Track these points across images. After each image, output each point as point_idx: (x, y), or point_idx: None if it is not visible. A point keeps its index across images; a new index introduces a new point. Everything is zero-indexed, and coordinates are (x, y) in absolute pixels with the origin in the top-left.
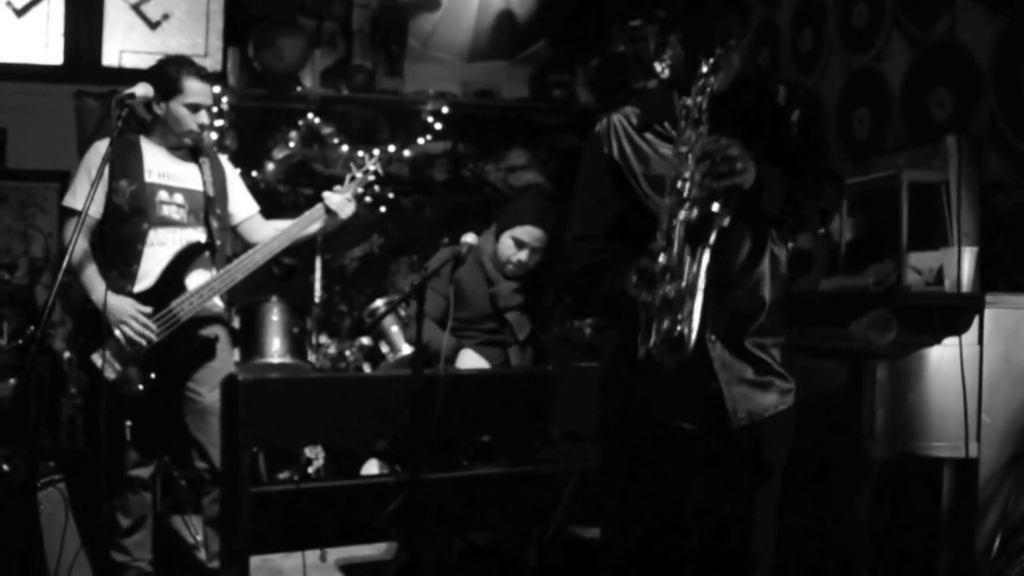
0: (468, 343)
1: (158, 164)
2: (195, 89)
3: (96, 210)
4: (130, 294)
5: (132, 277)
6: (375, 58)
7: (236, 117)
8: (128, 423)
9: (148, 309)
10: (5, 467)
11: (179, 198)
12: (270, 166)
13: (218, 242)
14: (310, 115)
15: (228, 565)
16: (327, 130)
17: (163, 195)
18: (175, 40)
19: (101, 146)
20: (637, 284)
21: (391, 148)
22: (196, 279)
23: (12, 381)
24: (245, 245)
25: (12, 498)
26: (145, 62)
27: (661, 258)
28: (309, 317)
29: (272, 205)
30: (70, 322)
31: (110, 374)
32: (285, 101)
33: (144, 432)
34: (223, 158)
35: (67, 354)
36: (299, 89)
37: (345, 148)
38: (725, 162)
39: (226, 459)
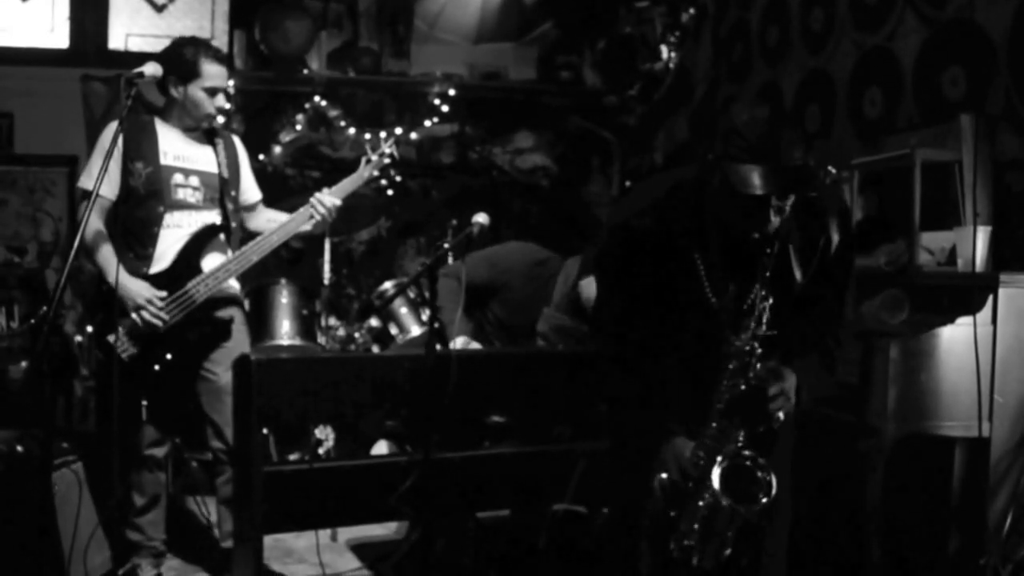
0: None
1: (173, 146)
2: (213, 72)
3: (111, 191)
4: (146, 276)
5: (148, 259)
6: (381, 40)
7: (243, 100)
8: (144, 403)
9: (163, 293)
10: (19, 448)
11: (195, 180)
12: (277, 149)
13: (233, 224)
14: (317, 98)
15: (241, 544)
16: (334, 113)
17: (179, 178)
18: (181, 23)
19: (114, 127)
20: (663, 491)
21: (398, 130)
22: (211, 261)
23: (24, 364)
24: (245, 230)
25: (26, 479)
26: (151, 45)
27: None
28: (318, 299)
29: (280, 188)
30: (80, 305)
31: (125, 354)
32: (291, 84)
33: (160, 412)
34: (236, 140)
35: (78, 337)
36: (305, 72)
37: (352, 131)
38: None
39: (239, 438)
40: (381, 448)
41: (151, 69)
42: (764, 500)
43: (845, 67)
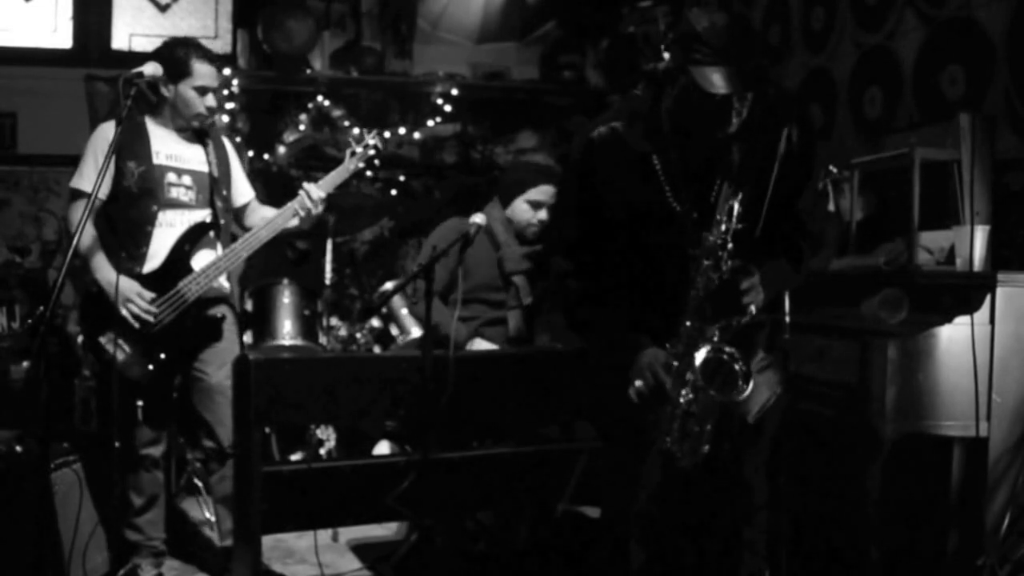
0: (472, 324)
1: (165, 146)
2: (203, 72)
3: (102, 191)
4: (139, 275)
5: (141, 258)
6: (384, 40)
7: (246, 100)
8: (139, 403)
9: (152, 294)
10: (19, 448)
11: (187, 180)
12: (281, 149)
13: (223, 222)
14: (320, 97)
15: (241, 544)
16: (337, 112)
17: (171, 177)
18: (185, 23)
19: (107, 128)
20: (639, 397)
21: (401, 130)
22: (202, 259)
23: (25, 364)
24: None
25: (26, 479)
26: (155, 45)
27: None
28: (320, 299)
29: (284, 188)
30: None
31: (118, 356)
32: (295, 84)
33: (155, 411)
34: (225, 140)
35: (80, 337)
36: (308, 72)
37: (356, 130)
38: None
39: (239, 438)
40: (383, 448)
41: (151, 69)
42: (744, 388)
43: (846, 66)
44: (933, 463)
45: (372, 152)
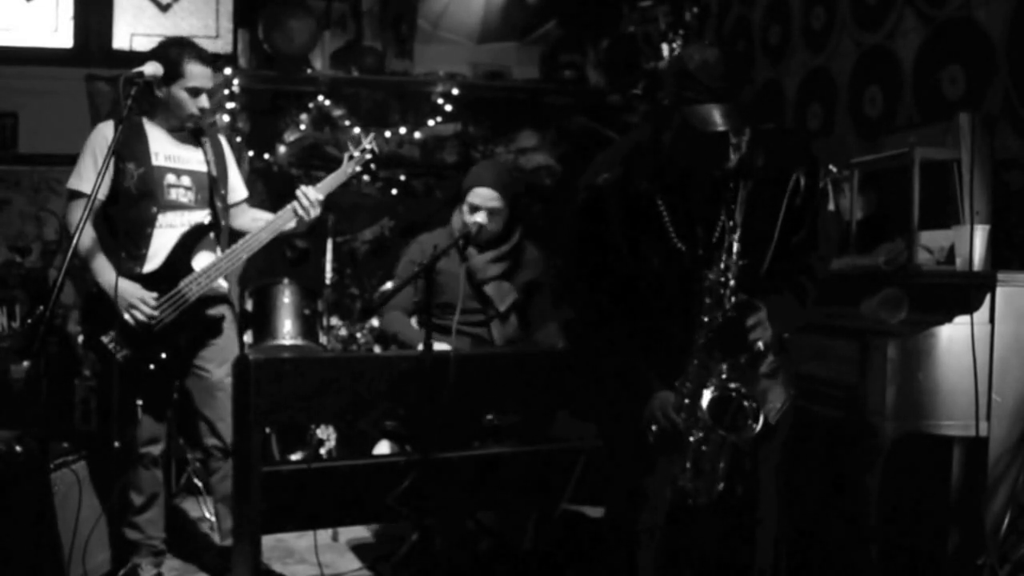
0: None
1: (163, 147)
2: (196, 72)
3: (101, 192)
4: (139, 276)
5: (141, 259)
6: (385, 39)
7: (247, 99)
8: (139, 402)
9: (154, 294)
10: (18, 448)
11: (186, 180)
12: (282, 149)
13: (223, 222)
14: (320, 97)
15: (240, 543)
16: (337, 112)
17: (171, 178)
18: (186, 22)
19: (105, 128)
20: (654, 440)
21: (401, 130)
22: (202, 260)
23: (26, 364)
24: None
25: (26, 479)
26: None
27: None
28: (320, 299)
29: (285, 188)
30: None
31: (119, 355)
32: (295, 83)
33: (155, 409)
34: (222, 138)
35: (80, 337)
36: (309, 71)
37: (356, 130)
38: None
39: (238, 438)
40: (383, 448)
41: (151, 69)
42: (753, 427)
43: (846, 66)
44: (933, 463)
45: (369, 156)
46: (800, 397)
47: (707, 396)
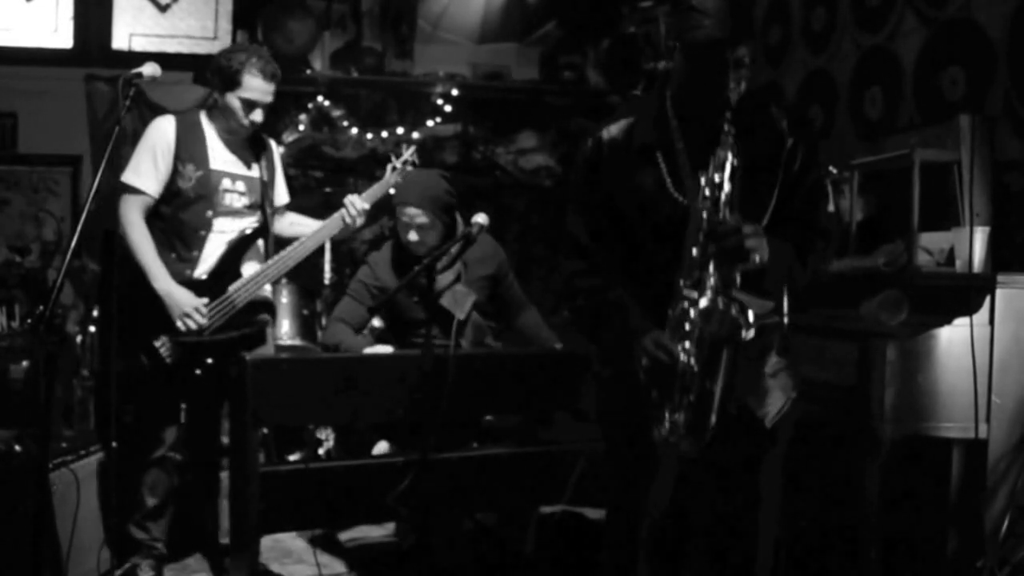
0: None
1: (221, 150)
2: (254, 86)
3: (156, 189)
4: (188, 279)
5: (192, 262)
6: (384, 40)
7: None
8: (183, 405)
9: (205, 300)
10: (17, 448)
11: (241, 186)
12: (281, 149)
13: (272, 228)
14: (320, 98)
15: (239, 544)
16: (337, 113)
17: (227, 183)
18: (185, 23)
19: (164, 124)
20: (647, 376)
21: (400, 131)
22: (249, 266)
23: (25, 364)
24: None
25: (25, 479)
26: (155, 45)
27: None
28: (318, 299)
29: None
30: (83, 305)
31: (169, 359)
32: (295, 84)
33: (198, 417)
34: (272, 143)
35: (79, 337)
36: (308, 72)
37: (355, 131)
38: (735, 243)
39: (235, 439)
40: (382, 448)
41: (150, 69)
42: (746, 333)
43: (846, 67)
44: (932, 465)
45: (411, 168)
46: (800, 398)
47: (702, 303)
